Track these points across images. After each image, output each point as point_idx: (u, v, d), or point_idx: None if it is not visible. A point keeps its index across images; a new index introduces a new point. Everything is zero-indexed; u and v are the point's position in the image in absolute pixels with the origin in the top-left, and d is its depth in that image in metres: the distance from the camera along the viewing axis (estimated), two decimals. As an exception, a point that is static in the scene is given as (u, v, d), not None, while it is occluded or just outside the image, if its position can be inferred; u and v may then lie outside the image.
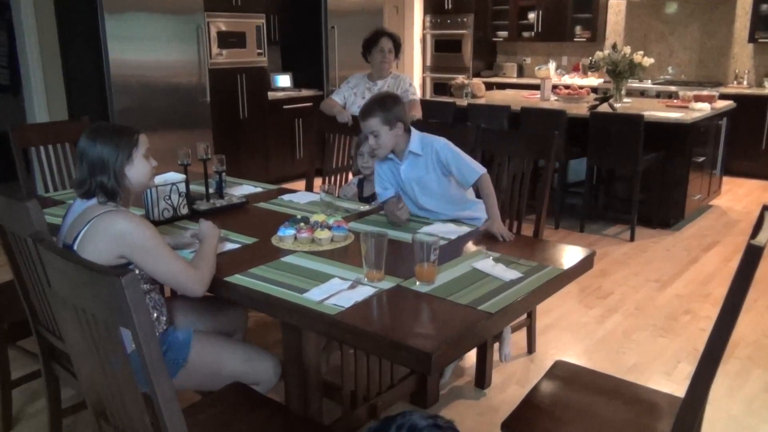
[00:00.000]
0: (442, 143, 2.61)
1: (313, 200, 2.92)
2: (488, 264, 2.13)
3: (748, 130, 6.57)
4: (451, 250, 2.28)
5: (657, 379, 2.91)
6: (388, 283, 1.96)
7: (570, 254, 2.32)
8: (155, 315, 1.98)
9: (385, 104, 2.56)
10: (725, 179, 5.95)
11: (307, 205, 2.85)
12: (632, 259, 4.44)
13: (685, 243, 4.75)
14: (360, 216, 2.69)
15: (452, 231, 2.46)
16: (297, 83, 6.90)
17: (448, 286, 1.95)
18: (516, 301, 1.88)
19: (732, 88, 6.82)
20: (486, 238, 2.42)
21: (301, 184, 4.11)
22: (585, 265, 2.27)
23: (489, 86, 7.28)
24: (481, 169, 2.58)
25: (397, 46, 4.02)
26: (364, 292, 1.89)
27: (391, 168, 2.69)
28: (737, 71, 7.13)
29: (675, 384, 2.83)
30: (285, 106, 6.53)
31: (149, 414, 1.44)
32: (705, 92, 5.50)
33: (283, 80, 6.84)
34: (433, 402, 2.70)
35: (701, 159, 5.14)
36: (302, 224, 2.34)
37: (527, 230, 2.95)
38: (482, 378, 2.85)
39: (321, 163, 3.76)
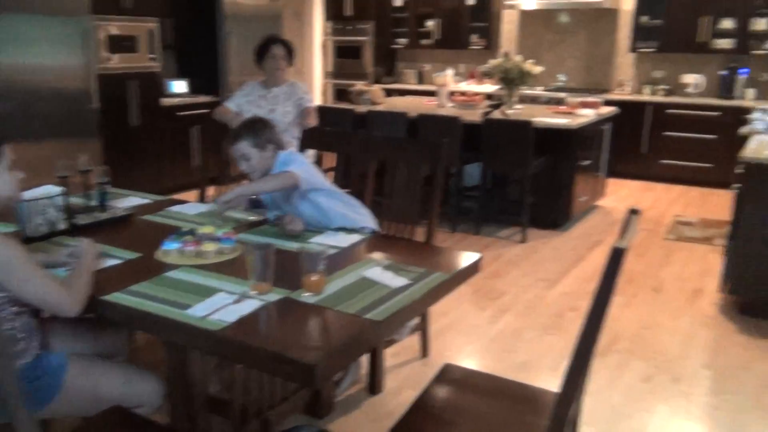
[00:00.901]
0: (282, 156, 2.65)
1: (203, 211, 2.85)
2: (377, 272, 2.16)
3: (630, 134, 7.00)
4: (342, 259, 2.29)
5: (545, 375, 3.04)
6: (275, 296, 1.94)
7: (458, 259, 2.39)
8: (27, 340, 1.87)
9: (255, 128, 2.60)
10: (609, 181, 6.30)
11: (197, 217, 2.78)
12: (523, 259, 4.63)
13: (572, 243, 5.00)
14: (251, 226, 2.65)
15: (343, 240, 2.47)
16: (194, 89, 6.73)
17: (337, 296, 1.96)
18: (403, 308, 1.92)
19: (615, 95, 7.25)
20: (377, 246, 2.45)
21: (195, 194, 4.01)
22: (471, 269, 2.34)
23: (389, 93, 7.38)
24: (289, 170, 2.56)
25: (291, 52, 4.01)
26: (250, 305, 1.87)
27: None
28: (620, 78, 7.59)
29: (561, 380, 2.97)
30: (180, 113, 6.35)
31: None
32: (590, 99, 5.81)
33: (179, 86, 6.65)
34: (328, 412, 2.70)
35: (587, 162, 5.43)
36: (188, 237, 2.29)
37: (421, 236, 3.01)
38: (374, 384, 2.89)
39: (215, 172, 3.68)
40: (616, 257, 1.52)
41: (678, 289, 4.10)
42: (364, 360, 2.93)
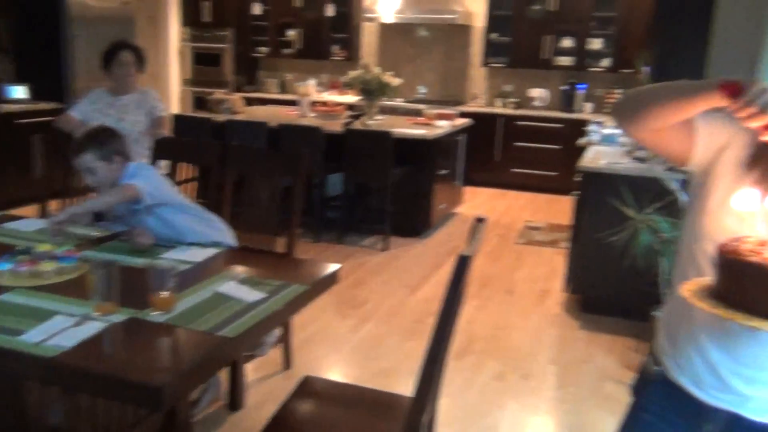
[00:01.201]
0: (131, 168, 2.55)
1: (43, 227, 2.64)
2: (232, 286, 2.11)
3: (484, 144, 7.38)
4: (194, 274, 2.22)
5: (405, 381, 3.10)
6: (121, 316, 1.84)
7: (316, 270, 2.39)
8: None
9: (99, 138, 2.48)
10: (466, 189, 6.60)
11: (35, 234, 2.57)
12: (386, 267, 4.72)
13: (432, 249, 5.18)
14: (96, 242, 2.49)
15: (196, 254, 2.39)
16: (35, 95, 6.23)
17: (188, 314, 1.89)
18: (258, 323, 1.88)
19: (470, 107, 7.61)
20: (234, 260, 2.40)
21: (36, 209, 3.72)
22: (330, 280, 2.34)
23: (251, 102, 7.26)
24: (130, 184, 2.48)
25: (140, 58, 3.83)
26: (92, 327, 1.76)
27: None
28: (474, 91, 7.98)
29: (421, 383, 3.06)
30: (19, 120, 5.85)
31: None
32: (446, 111, 6.06)
33: (18, 92, 6.13)
34: (186, 432, 2.60)
35: (444, 171, 5.65)
36: (23, 256, 2.12)
37: (282, 248, 2.98)
38: (235, 400, 2.82)
39: (60, 184, 3.44)
40: (462, 265, 1.59)
41: (528, 291, 4.36)
42: (224, 376, 2.85)
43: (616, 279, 3.71)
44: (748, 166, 1.25)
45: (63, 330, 1.73)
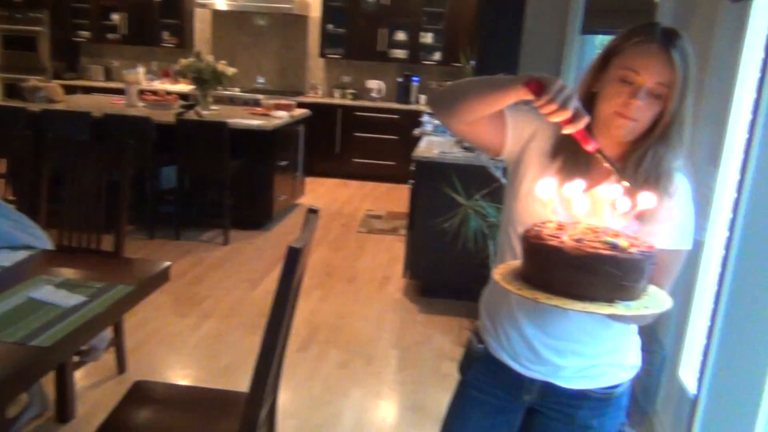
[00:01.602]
0: None
1: None
2: (48, 291, 1.94)
3: (324, 135, 7.40)
4: (4, 280, 2.00)
5: (248, 377, 3.02)
6: None
7: (145, 269, 2.26)
8: None
9: None
10: (308, 180, 6.58)
11: None
12: (227, 262, 4.59)
13: (274, 241, 5.11)
14: None
15: (4, 258, 2.16)
16: None
17: (-6, 324, 1.71)
18: (77, 329, 1.75)
19: (309, 98, 7.59)
20: (51, 262, 2.20)
21: None
22: (159, 279, 2.23)
23: (72, 90, 6.73)
24: None
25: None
26: None
27: None
28: (313, 82, 7.97)
29: (264, 377, 3.01)
30: None
31: None
32: (283, 101, 5.98)
33: None
34: (2, 454, 2.35)
35: (284, 163, 5.58)
36: None
37: (109, 246, 2.79)
38: (64, 411, 2.60)
39: None
40: (292, 257, 1.57)
41: (370, 278, 4.45)
42: (51, 386, 2.62)
43: (450, 263, 3.88)
44: (551, 156, 1.36)
45: None
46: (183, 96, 6.57)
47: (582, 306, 1.09)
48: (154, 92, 6.03)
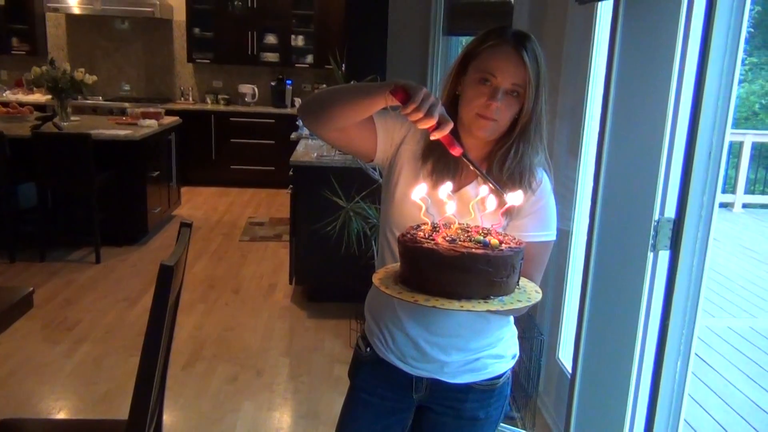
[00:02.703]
0: None
1: None
2: None
3: (199, 142, 7.16)
4: None
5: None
6: None
7: (3, 297, 2.06)
8: None
9: None
10: (184, 189, 6.34)
11: None
12: (99, 281, 4.32)
13: (151, 256, 4.88)
14: None
15: None
16: None
17: None
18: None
19: (180, 105, 7.32)
20: None
21: None
22: (22, 306, 2.04)
23: None
24: None
25: None
26: None
27: None
28: (182, 88, 7.68)
29: (148, 400, 2.86)
30: None
31: None
32: (151, 109, 5.73)
33: None
34: None
35: (156, 173, 5.34)
36: None
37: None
38: None
39: None
40: (165, 275, 1.50)
41: (255, 287, 4.36)
42: None
43: (336, 266, 3.87)
44: (422, 159, 1.40)
45: None
46: (39, 107, 6.12)
47: (459, 305, 1.13)
48: (6, 104, 5.57)
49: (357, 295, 3.84)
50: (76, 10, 6.98)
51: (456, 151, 1.25)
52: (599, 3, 2.33)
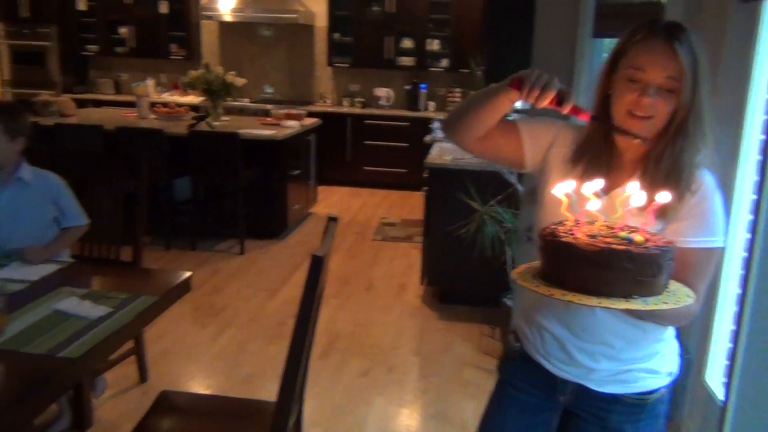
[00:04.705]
0: (59, 180, 2.45)
1: None
2: (72, 303, 1.93)
3: (335, 143, 7.39)
4: (29, 293, 2.00)
5: (271, 386, 3.02)
6: (-61, 345, 1.61)
7: (166, 279, 2.25)
8: None
9: (10, 112, 2.34)
10: (320, 188, 6.58)
11: None
12: (243, 271, 4.58)
13: (289, 250, 5.10)
14: None
15: (33, 272, 2.16)
16: None
17: (22, 336, 1.71)
18: (103, 340, 1.73)
19: (318, 107, 7.60)
20: (74, 274, 2.19)
21: None
22: (182, 288, 2.22)
23: (83, 103, 6.75)
24: (86, 220, 2.51)
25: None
26: None
27: None
28: (321, 91, 7.98)
29: (285, 387, 2.99)
30: None
31: None
32: (294, 111, 5.99)
33: None
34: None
35: (296, 172, 5.58)
36: None
37: (127, 257, 2.79)
38: (81, 419, 2.60)
39: None
40: (316, 265, 1.56)
41: (386, 286, 4.43)
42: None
43: (468, 269, 3.85)
44: (573, 161, 1.37)
45: None
46: (193, 107, 6.60)
47: (597, 301, 1.09)
48: (165, 104, 6.05)
49: (488, 300, 3.83)
50: (228, 18, 7.45)
51: (585, 116, 1.26)
52: (766, 2, 2.15)
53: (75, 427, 2.61)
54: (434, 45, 7.51)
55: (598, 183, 1.22)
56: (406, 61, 7.54)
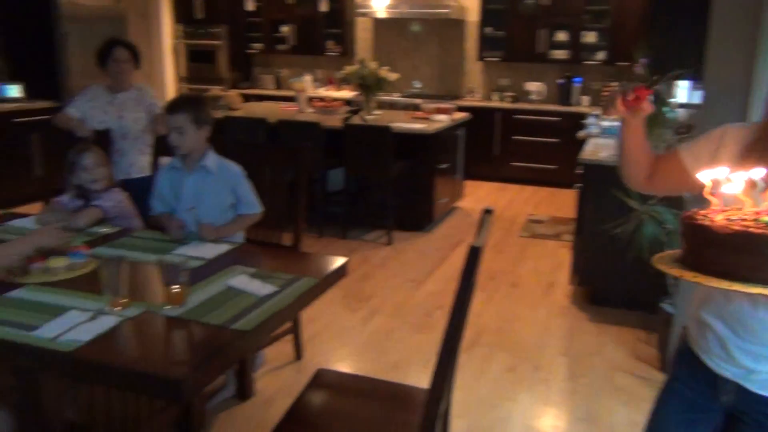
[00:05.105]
0: (239, 170, 2.63)
1: (49, 224, 2.60)
2: (243, 280, 2.08)
3: (483, 138, 7.35)
4: (206, 269, 2.18)
5: (416, 373, 3.09)
6: (135, 310, 1.81)
7: (325, 264, 2.35)
8: None
9: (196, 102, 2.54)
10: (467, 183, 6.58)
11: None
12: (391, 261, 4.70)
13: (436, 243, 5.15)
14: (105, 240, 2.46)
15: (209, 251, 2.36)
16: (31, 94, 6.17)
17: (201, 308, 1.86)
18: (272, 316, 1.86)
19: (467, 101, 7.58)
20: (243, 255, 2.37)
21: (37, 207, 3.67)
22: (339, 273, 2.31)
23: (247, 98, 7.22)
24: (259, 209, 2.67)
25: (135, 55, 3.78)
26: (106, 322, 1.73)
27: (171, 179, 2.61)
28: (471, 86, 7.95)
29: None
30: (15, 120, 5.80)
31: None
32: (444, 105, 6.03)
33: (13, 90, 6.07)
34: (200, 426, 2.57)
35: (444, 166, 5.62)
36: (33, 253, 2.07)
37: (289, 241, 2.97)
38: (243, 390, 2.81)
39: (60, 182, 3.39)
40: (474, 255, 1.57)
41: (534, 283, 4.34)
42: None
43: (623, 271, 3.68)
44: (743, 156, 1.35)
45: (78, 324, 1.70)
46: (347, 101, 6.84)
47: (728, 284, 1.06)
48: (322, 99, 6.33)
49: (644, 305, 3.64)
50: (382, 14, 7.64)
51: (645, 92, 1.42)
52: None
53: (238, 397, 2.83)
54: (590, 37, 7.22)
55: (760, 171, 1.20)
56: (559, 54, 7.32)
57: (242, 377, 2.81)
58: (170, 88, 8.51)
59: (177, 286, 1.83)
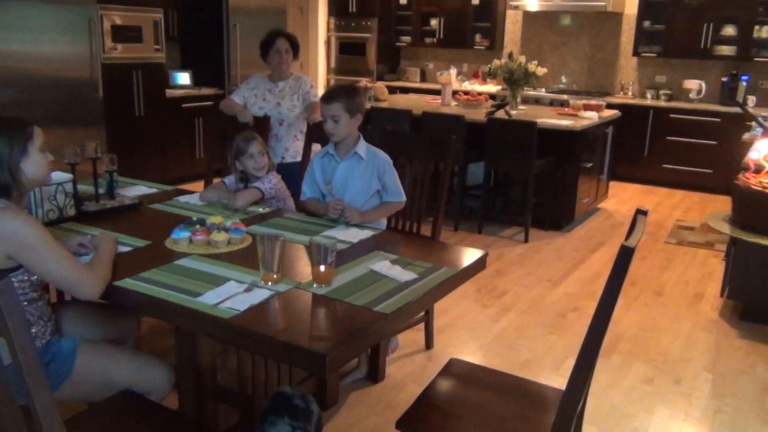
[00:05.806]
0: (387, 158, 2.74)
1: (211, 201, 2.85)
2: (385, 266, 2.17)
3: (632, 138, 7.01)
4: (350, 252, 2.30)
5: (547, 374, 3.05)
6: (285, 286, 1.95)
7: (464, 256, 2.39)
8: (41, 324, 1.88)
9: (350, 92, 2.67)
10: (611, 184, 6.32)
11: (205, 207, 2.78)
12: (526, 259, 4.64)
13: (574, 244, 5.01)
14: (260, 219, 2.66)
15: (353, 235, 2.47)
16: (197, 81, 6.72)
17: (345, 288, 1.97)
18: (411, 302, 1.92)
19: (618, 98, 7.26)
20: (385, 241, 2.46)
21: (200, 185, 4.01)
22: (478, 266, 2.34)
23: (392, 90, 7.38)
24: (404, 197, 2.76)
25: (295, 46, 4.00)
26: (260, 294, 1.88)
27: (324, 165, 2.76)
28: (623, 82, 7.60)
29: (563, 378, 2.96)
30: (184, 105, 6.35)
31: (27, 428, 1.37)
32: (593, 101, 5.82)
33: (183, 78, 6.64)
34: (333, 403, 2.71)
35: (589, 164, 5.44)
36: (198, 226, 2.29)
37: (426, 232, 3.04)
38: (375, 372, 2.92)
39: (220, 164, 3.69)
40: (625, 255, 1.53)
41: (679, 293, 4.11)
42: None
43: (784, 286, 3.40)
44: None
45: (235, 295, 1.86)
46: (490, 96, 6.80)
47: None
48: (467, 92, 6.34)
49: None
50: (534, 7, 7.49)
51: None
52: None
53: (369, 378, 2.94)
54: (763, 32, 6.63)
55: None
56: (725, 50, 6.80)
57: (374, 360, 2.92)
58: (321, 80, 8.89)
59: (325, 266, 1.95)
